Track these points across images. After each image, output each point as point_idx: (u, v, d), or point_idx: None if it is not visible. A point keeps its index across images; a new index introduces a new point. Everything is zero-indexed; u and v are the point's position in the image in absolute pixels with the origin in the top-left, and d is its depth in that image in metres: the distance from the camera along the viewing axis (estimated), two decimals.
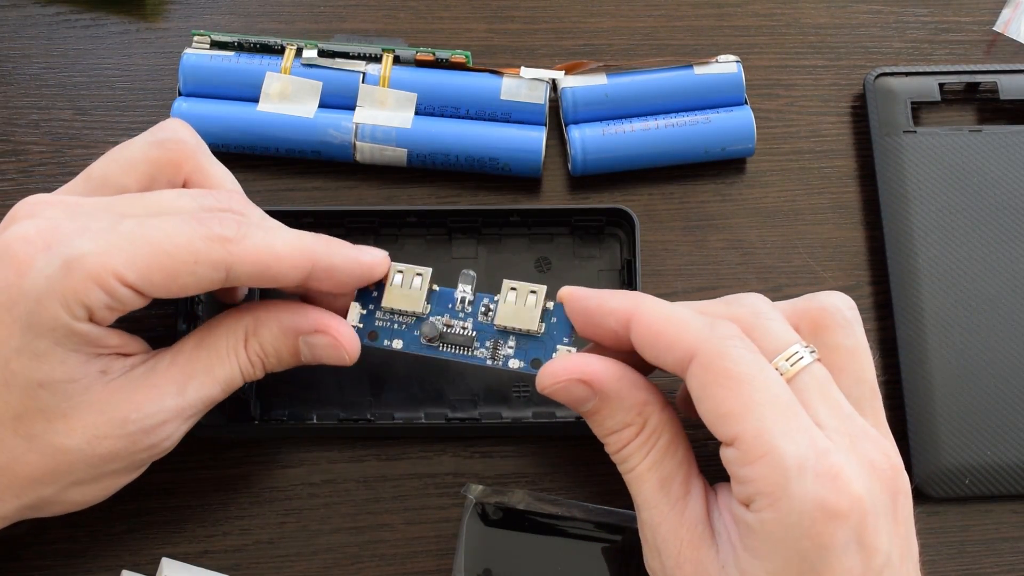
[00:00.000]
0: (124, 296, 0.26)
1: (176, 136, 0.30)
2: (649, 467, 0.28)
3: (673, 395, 0.31)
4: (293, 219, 0.33)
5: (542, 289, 0.30)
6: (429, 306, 0.30)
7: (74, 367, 0.27)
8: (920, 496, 0.35)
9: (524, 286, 0.30)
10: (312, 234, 0.29)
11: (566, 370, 0.28)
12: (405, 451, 0.34)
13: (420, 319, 0.30)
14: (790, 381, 0.26)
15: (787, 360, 0.26)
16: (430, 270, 0.30)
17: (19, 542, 0.33)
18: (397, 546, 0.33)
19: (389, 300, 0.30)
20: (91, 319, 0.26)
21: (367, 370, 0.34)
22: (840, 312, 0.28)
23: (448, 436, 0.35)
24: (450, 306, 0.30)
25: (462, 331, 0.30)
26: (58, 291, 0.25)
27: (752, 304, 0.28)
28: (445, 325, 0.30)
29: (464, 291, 0.30)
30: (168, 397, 0.28)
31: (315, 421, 0.34)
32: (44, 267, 0.26)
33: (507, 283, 0.30)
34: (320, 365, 0.32)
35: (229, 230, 0.27)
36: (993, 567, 0.34)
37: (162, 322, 0.34)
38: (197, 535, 0.33)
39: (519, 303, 0.30)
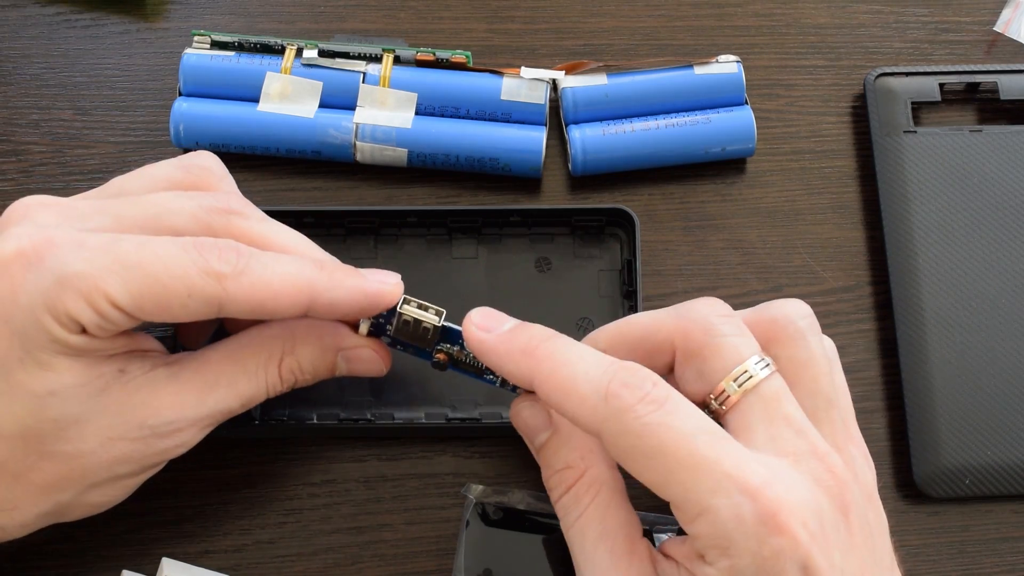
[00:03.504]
0: (114, 317, 0.26)
1: (203, 163, 0.30)
2: (590, 519, 0.27)
3: None
4: (293, 219, 0.33)
5: None
6: (438, 340, 0.30)
7: (83, 371, 0.26)
8: (920, 496, 0.35)
9: None
10: (315, 262, 0.28)
11: (532, 396, 0.29)
12: (405, 451, 0.34)
13: (427, 350, 0.30)
14: (735, 405, 0.26)
15: (735, 381, 0.26)
16: (443, 312, 0.29)
17: (19, 542, 0.33)
18: (397, 546, 0.33)
19: (398, 333, 0.30)
20: (84, 332, 0.26)
21: None
22: (792, 324, 0.27)
23: (448, 436, 0.35)
24: (460, 341, 0.30)
25: (472, 360, 0.30)
26: (49, 307, 0.25)
27: (703, 318, 0.27)
28: (456, 355, 0.30)
29: None
30: (188, 407, 0.28)
31: (315, 421, 0.34)
32: (37, 280, 0.25)
33: None
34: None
35: (226, 265, 0.26)
36: (993, 567, 0.34)
37: (160, 325, 0.34)
38: (197, 535, 0.33)
39: None
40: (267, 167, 0.37)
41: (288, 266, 0.27)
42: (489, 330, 0.28)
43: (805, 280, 0.37)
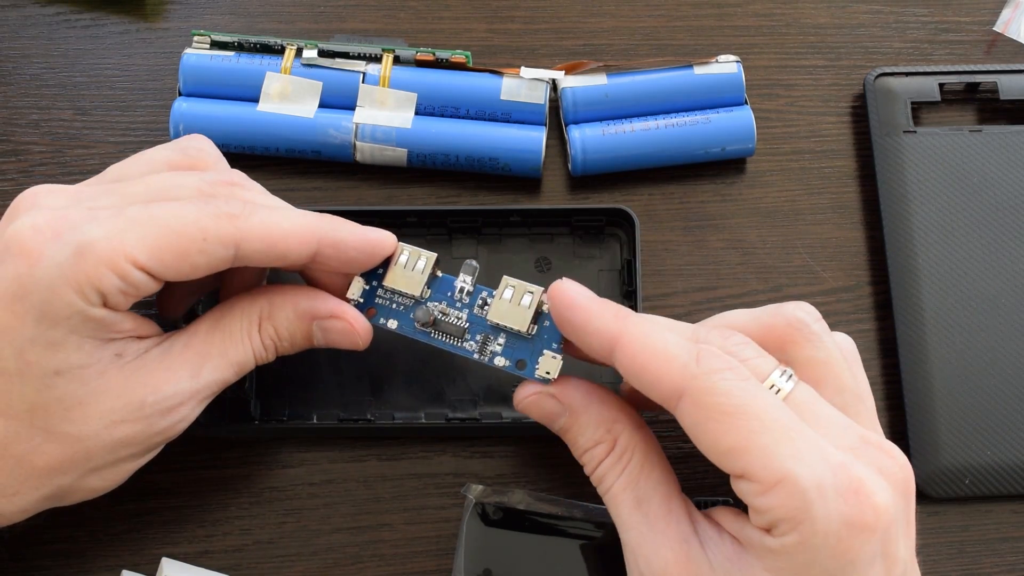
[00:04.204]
0: (138, 279, 0.26)
1: (199, 145, 0.31)
2: (624, 487, 0.27)
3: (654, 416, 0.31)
4: None
5: (538, 291, 0.30)
6: (429, 291, 0.30)
7: (89, 352, 0.27)
8: (920, 496, 0.35)
9: (522, 285, 0.30)
10: (317, 214, 0.29)
11: (536, 385, 0.29)
12: (405, 451, 0.34)
13: (418, 303, 0.30)
14: None
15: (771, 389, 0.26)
16: (435, 256, 0.30)
17: (19, 542, 0.33)
18: (397, 546, 0.33)
19: (391, 280, 0.30)
20: (105, 304, 0.26)
21: (367, 370, 0.34)
22: (807, 326, 0.27)
23: (448, 436, 0.35)
24: (449, 294, 0.30)
25: (456, 320, 0.30)
26: (71, 278, 0.25)
27: (721, 338, 0.27)
28: (441, 313, 0.30)
29: (464, 281, 0.30)
30: (184, 380, 0.28)
31: (315, 421, 0.34)
32: (55, 255, 0.26)
33: (507, 279, 0.30)
34: (321, 364, 0.32)
35: (235, 207, 0.27)
36: (993, 567, 0.34)
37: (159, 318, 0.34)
38: (197, 535, 0.33)
39: (514, 301, 0.30)
40: (267, 167, 0.37)
41: (293, 212, 0.29)
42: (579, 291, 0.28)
43: (805, 280, 0.37)
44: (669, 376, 0.25)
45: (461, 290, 0.30)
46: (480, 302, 0.30)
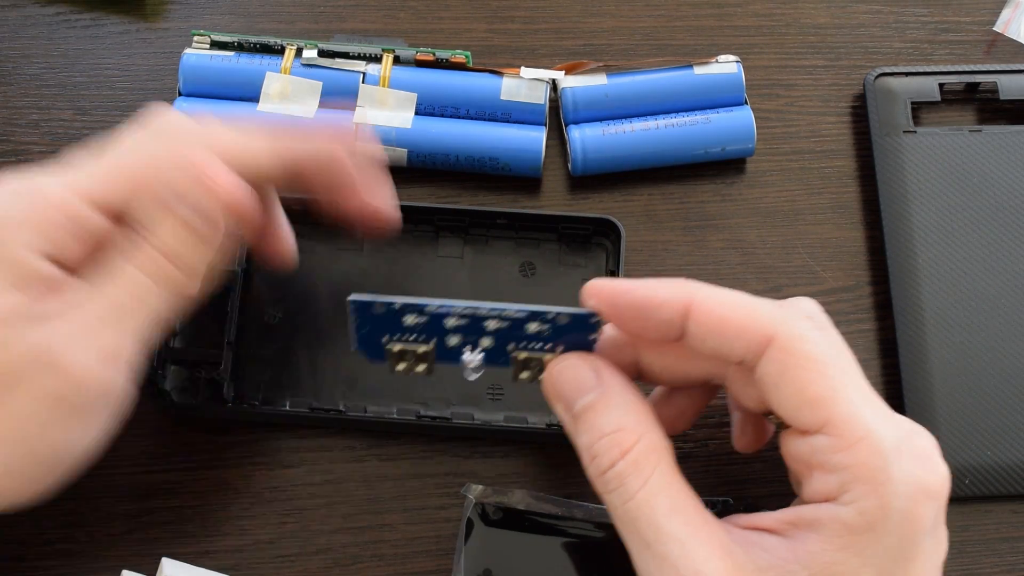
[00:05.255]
0: (91, 222, 0.26)
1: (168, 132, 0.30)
2: (657, 491, 0.24)
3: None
4: (282, 203, 0.34)
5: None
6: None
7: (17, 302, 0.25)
8: None
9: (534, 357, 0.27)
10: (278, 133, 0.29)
11: (572, 355, 0.26)
12: (405, 451, 0.34)
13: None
14: None
15: None
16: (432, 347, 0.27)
17: (19, 542, 0.33)
18: (397, 546, 0.33)
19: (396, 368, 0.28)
20: (53, 257, 0.25)
21: (345, 363, 0.34)
22: (815, 317, 0.27)
23: (448, 436, 0.35)
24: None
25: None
26: (22, 221, 0.25)
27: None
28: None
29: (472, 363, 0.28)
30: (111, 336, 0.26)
31: (287, 408, 0.34)
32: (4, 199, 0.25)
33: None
34: (297, 351, 0.31)
35: (195, 137, 0.27)
36: (993, 567, 0.34)
37: None
38: (197, 535, 0.33)
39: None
40: None
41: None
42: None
43: (805, 280, 0.37)
44: (757, 323, 0.24)
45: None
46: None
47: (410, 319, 0.26)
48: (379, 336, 0.27)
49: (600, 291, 0.26)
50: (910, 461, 0.23)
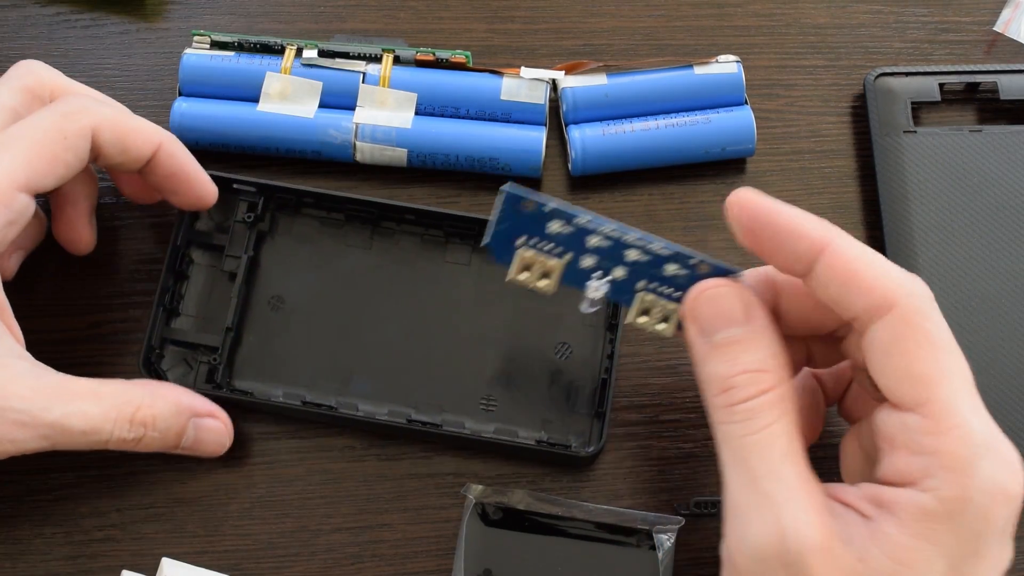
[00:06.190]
0: (21, 205, 0.28)
1: (36, 76, 0.32)
2: (780, 432, 0.25)
3: None
4: (294, 196, 0.35)
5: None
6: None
7: None
8: None
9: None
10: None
11: (721, 279, 0.27)
12: (405, 451, 0.34)
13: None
14: None
15: None
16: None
17: (19, 542, 0.33)
18: (397, 546, 0.33)
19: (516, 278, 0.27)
20: None
21: (344, 361, 0.34)
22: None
23: (448, 436, 0.34)
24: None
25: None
26: None
27: None
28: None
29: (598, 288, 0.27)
30: (39, 405, 0.28)
31: (281, 400, 0.34)
32: None
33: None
34: (297, 343, 0.32)
35: (83, 103, 0.30)
36: None
37: (149, 276, 0.36)
38: (197, 535, 0.33)
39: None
40: (267, 167, 0.37)
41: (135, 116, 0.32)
42: None
43: None
44: (885, 286, 0.24)
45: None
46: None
47: (555, 226, 0.26)
48: (515, 236, 0.27)
49: (746, 203, 0.26)
50: (996, 462, 0.23)
